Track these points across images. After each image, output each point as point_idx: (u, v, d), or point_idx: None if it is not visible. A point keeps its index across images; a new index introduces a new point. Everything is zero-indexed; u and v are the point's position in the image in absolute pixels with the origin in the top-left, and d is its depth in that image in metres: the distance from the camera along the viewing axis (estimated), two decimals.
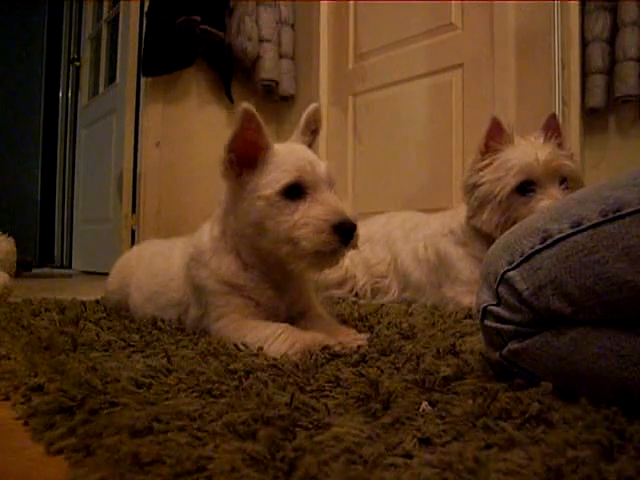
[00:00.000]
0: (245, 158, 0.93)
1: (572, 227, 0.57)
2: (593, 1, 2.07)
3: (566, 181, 1.33)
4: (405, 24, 2.62)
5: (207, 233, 1.03)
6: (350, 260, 1.77)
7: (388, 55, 2.70)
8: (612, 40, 2.05)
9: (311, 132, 1.06)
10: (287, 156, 0.94)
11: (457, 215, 1.51)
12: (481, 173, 1.36)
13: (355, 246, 0.90)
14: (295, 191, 0.90)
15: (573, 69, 2.08)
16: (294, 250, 0.89)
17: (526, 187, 1.31)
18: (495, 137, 1.35)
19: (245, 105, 0.89)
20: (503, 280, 0.61)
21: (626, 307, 0.54)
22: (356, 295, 1.76)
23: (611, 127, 2.17)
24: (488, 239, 1.40)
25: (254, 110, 0.90)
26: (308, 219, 0.88)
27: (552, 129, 1.38)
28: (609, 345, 0.55)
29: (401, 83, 2.64)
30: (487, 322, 0.64)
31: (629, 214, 0.54)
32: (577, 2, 2.08)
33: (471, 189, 1.39)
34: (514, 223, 1.28)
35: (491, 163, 1.35)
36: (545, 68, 2.10)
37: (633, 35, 2.00)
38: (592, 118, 2.16)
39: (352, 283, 1.76)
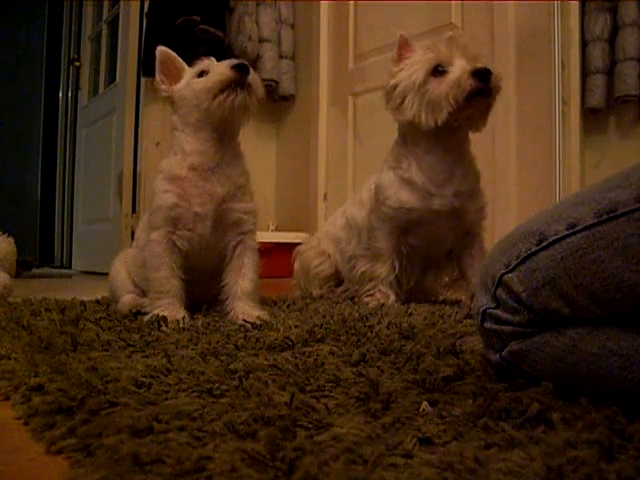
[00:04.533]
0: (172, 78, 1.28)
1: (567, 229, 0.57)
2: (593, 1, 2.07)
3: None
4: (405, 24, 2.61)
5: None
6: (327, 245, 1.78)
7: (388, 55, 2.69)
8: (612, 40, 2.05)
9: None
10: (195, 65, 1.28)
11: (390, 148, 1.60)
12: (397, 76, 1.50)
13: (256, 84, 1.20)
14: (204, 73, 1.24)
15: (573, 69, 2.08)
16: (209, 96, 1.19)
17: (438, 70, 1.42)
18: (404, 49, 1.52)
19: (159, 48, 1.29)
20: (501, 283, 0.62)
21: (623, 306, 0.54)
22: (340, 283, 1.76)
23: (611, 127, 2.17)
24: (413, 151, 1.50)
25: (166, 50, 1.29)
26: (210, 74, 1.22)
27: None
28: (608, 345, 0.55)
29: None
30: (486, 325, 0.64)
31: (623, 214, 0.54)
32: (577, 2, 2.08)
33: (391, 92, 1.51)
34: (434, 102, 1.40)
35: (404, 67, 1.50)
36: (545, 68, 2.10)
37: (633, 35, 2.00)
38: (592, 118, 2.16)
39: (334, 264, 1.76)
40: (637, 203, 0.53)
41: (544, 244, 0.59)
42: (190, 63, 1.29)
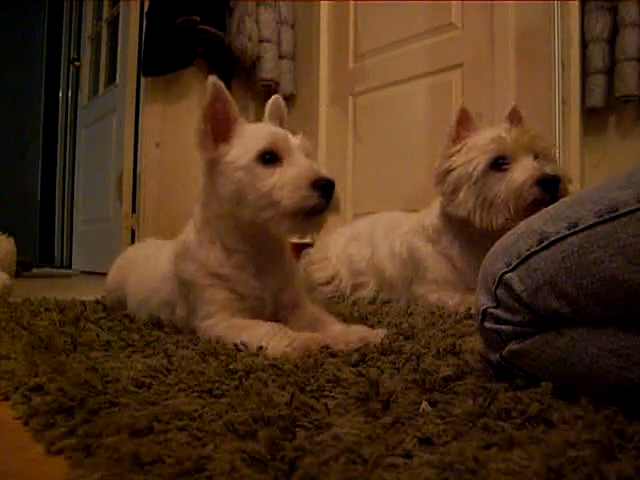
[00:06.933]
0: (219, 131, 0.96)
1: (568, 228, 0.57)
2: (593, 1, 2.07)
3: (538, 157, 1.31)
4: (405, 24, 2.62)
5: (192, 228, 1.05)
6: (337, 258, 1.79)
7: (388, 55, 2.70)
8: (612, 40, 2.05)
9: (278, 121, 1.08)
10: (259, 128, 0.99)
11: (430, 212, 1.51)
12: (453, 158, 1.36)
13: (337, 208, 0.91)
14: (270, 157, 0.92)
15: (573, 69, 2.08)
16: (276, 213, 0.90)
17: (500, 163, 1.29)
18: (464, 126, 1.37)
19: (212, 78, 0.94)
20: (501, 282, 0.62)
21: (623, 306, 0.54)
22: (341, 298, 1.75)
23: (611, 127, 2.17)
24: (457, 235, 1.41)
25: (221, 83, 0.95)
26: (286, 179, 0.89)
27: (516, 118, 1.39)
28: (608, 345, 0.55)
29: (401, 83, 2.64)
30: (486, 324, 0.64)
31: (624, 214, 0.54)
32: (577, 2, 2.08)
33: (444, 176, 1.38)
34: (491, 203, 1.28)
35: (461, 149, 1.35)
36: (545, 68, 2.10)
37: (633, 35, 1.99)
38: (592, 118, 2.16)
39: (338, 281, 1.77)
40: (638, 203, 0.53)
41: (545, 243, 0.59)
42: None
